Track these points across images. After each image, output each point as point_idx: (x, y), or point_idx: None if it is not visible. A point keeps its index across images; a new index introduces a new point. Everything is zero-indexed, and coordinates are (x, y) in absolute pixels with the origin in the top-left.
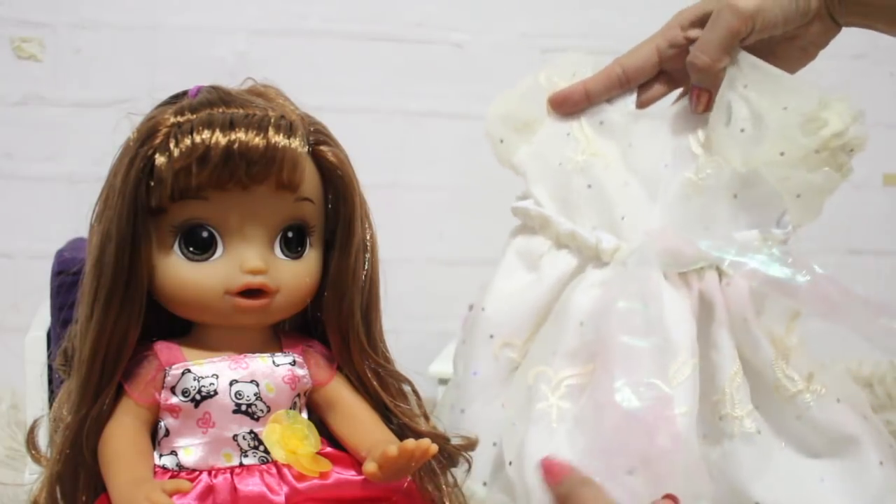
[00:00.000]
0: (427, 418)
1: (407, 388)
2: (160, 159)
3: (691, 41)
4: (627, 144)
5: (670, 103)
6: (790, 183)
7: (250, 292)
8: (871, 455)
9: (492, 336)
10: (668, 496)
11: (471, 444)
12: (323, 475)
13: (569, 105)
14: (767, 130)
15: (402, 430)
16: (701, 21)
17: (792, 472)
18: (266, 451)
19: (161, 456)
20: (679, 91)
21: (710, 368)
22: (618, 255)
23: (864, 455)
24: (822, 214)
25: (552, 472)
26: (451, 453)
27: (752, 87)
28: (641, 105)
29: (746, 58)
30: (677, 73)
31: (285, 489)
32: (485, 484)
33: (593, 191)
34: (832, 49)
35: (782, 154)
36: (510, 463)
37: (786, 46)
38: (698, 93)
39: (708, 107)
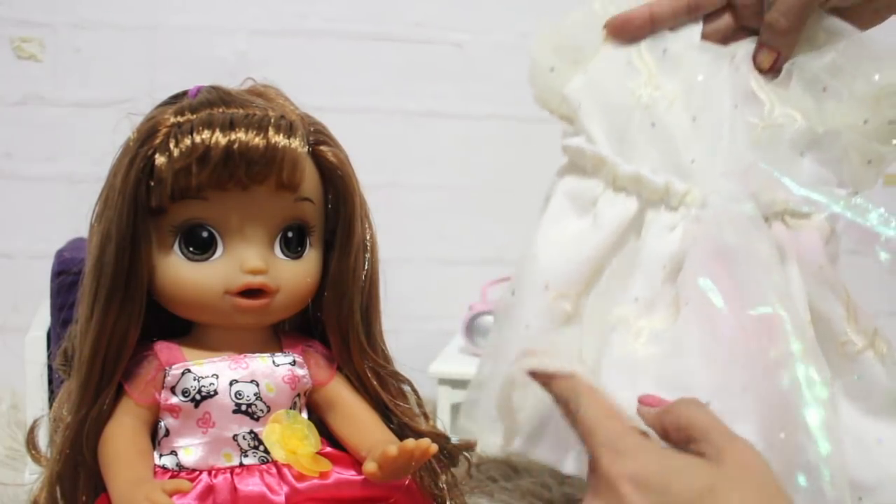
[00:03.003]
0: (427, 417)
1: (406, 389)
2: (160, 159)
3: None
4: (696, 78)
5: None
6: (865, 149)
7: (250, 292)
8: None
9: (547, 286)
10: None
11: (470, 445)
12: (323, 475)
13: (630, 30)
14: (854, 96)
15: (402, 430)
16: None
17: (851, 429)
18: (266, 451)
19: (161, 456)
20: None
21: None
22: (688, 198)
23: None
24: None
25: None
26: (451, 452)
27: (837, 50)
28: (706, 37)
29: (831, 21)
30: (745, 9)
31: (285, 489)
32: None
33: (657, 130)
34: None
35: (866, 122)
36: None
37: (860, 8)
38: (768, 51)
39: (773, 68)
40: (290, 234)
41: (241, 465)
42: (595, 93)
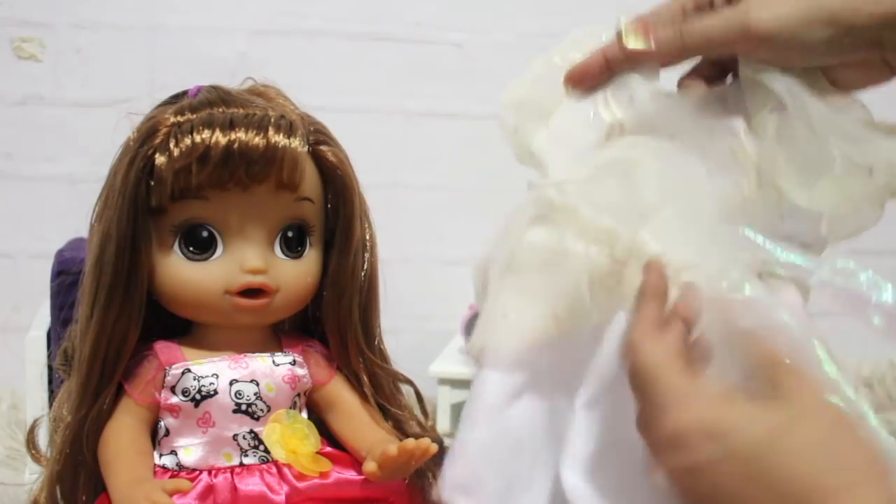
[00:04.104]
0: (427, 416)
1: (408, 389)
2: (160, 159)
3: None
4: (669, 135)
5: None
6: (851, 215)
7: (250, 292)
8: None
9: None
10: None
11: None
12: (323, 475)
13: (589, 79)
14: (850, 171)
15: (396, 431)
16: None
17: None
18: (266, 451)
19: (161, 455)
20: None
21: None
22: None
23: None
24: None
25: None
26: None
27: (830, 121)
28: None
29: (838, 113)
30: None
31: (285, 488)
32: None
33: (629, 181)
34: None
35: (850, 198)
36: None
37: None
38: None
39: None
40: (290, 234)
41: (242, 464)
42: (560, 146)
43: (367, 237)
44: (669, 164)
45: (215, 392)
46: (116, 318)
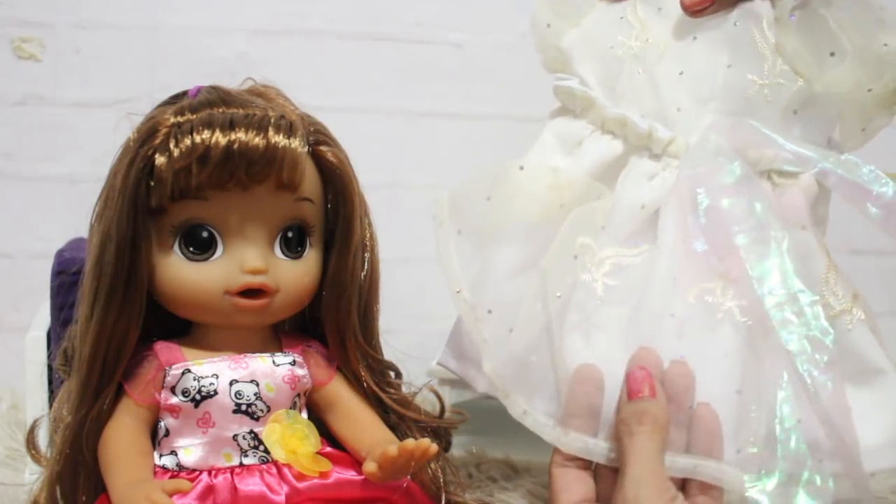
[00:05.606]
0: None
1: (394, 375)
2: (160, 159)
3: None
4: (692, 38)
5: None
6: (861, 115)
7: (250, 292)
8: None
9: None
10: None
11: (457, 421)
12: (323, 475)
13: None
14: (863, 63)
15: (403, 421)
16: None
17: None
18: (266, 451)
19: (161, 456)
20: None
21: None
22: (671, 147)
23: (891, 388)
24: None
25: (635, 383)
26: (442, 433)
27: (848, 14)
28: None
29: None
30: None
31: (285, 489)
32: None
33: (646, 77)
34: None
35: (870, 90)
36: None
37: None
38: None
39: (700, 13)
40: (289, 234)
41: (241, 464)
42: (588, 44)
43: (367, 237)
44: (689, 61)
45: (215, 392)
46: (116, 319)
